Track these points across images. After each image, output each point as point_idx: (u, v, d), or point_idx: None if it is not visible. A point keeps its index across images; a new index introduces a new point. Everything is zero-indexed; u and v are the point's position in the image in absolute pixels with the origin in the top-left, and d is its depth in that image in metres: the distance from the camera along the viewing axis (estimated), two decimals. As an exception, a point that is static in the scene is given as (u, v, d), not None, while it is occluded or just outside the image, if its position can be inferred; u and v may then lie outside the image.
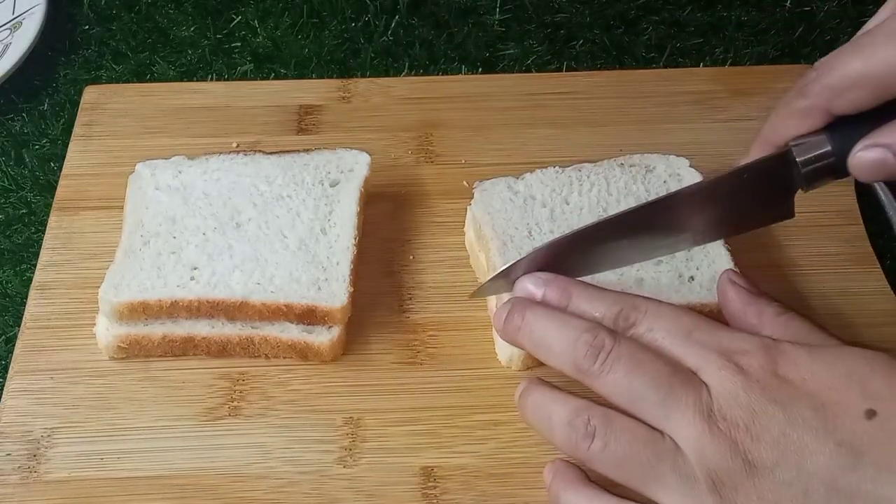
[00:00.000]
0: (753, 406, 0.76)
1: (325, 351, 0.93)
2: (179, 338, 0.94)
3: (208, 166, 1.02)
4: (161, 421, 0.91)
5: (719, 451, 0.76)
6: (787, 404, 0.76)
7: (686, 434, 0.77)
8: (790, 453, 0.75)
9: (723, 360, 0.79)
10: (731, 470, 0.75)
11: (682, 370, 0.79)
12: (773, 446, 0.75)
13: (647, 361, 0.80)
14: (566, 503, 0.82)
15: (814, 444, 0.75)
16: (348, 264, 0.95)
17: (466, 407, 0.92)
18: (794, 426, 0.75)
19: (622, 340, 0.81)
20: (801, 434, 0.75)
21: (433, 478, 0.88)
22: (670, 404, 0.78)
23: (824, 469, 0.74)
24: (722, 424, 0.76)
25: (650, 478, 0.78)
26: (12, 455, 0.89)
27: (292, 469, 0.88)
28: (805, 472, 0.74)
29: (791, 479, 0.74)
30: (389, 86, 1.16)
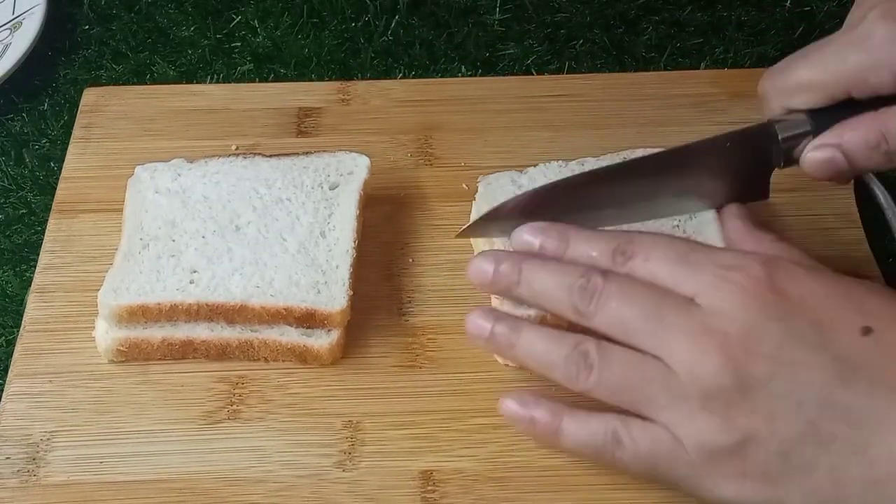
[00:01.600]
0: (749, 321, 0.77)
1: (324, 354, 0.93)
2: (178, 341, 0.94)
3: (207, 169, 1.02)
4: (160, 424, 0.91)
5: (710, 367, 0.76)
6: (784, 319, 0.77)
7: (678, 355, 0.78)
8: (785, 367, 0.76)
9: (719, 279, 0.80)
10: (722, 386, 0.76)
11: (674, 296, 0.80)
12: (767, 360, 0.76)
13: (638, 293, 0.81)
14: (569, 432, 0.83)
15: (809, 358, 0.76)
16: (348, 267, 0.95)
17: (466, 410, 0.92)
18: (791, 340, 0.76)
19: (612, 277, 0.82)
20: (797, 348, 0.76)
21: (432, 481, 0.88)
22: (662, 329, 0.79)
23: (819, 382, 0.75)
24: (714, 341, 0.77)
25: (644, 400, 0.79)
26: (11, 458, 0.89)
27: (291, 473, 0.88)
28: (799, 385, 0.75)
29: (785, 392, 0.75)
30: (388, 88, 1.16)
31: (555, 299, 0.84)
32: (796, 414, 0.75)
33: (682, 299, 0.80)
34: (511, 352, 0.85)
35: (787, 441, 0.75)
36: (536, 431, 0.84)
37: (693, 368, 0.77)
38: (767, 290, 0.79)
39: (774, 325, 0.77)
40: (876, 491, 0.74)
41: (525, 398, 0.85)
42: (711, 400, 0.76)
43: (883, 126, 0.85)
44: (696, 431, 0.77)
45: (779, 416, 0.75)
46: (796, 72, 0.88)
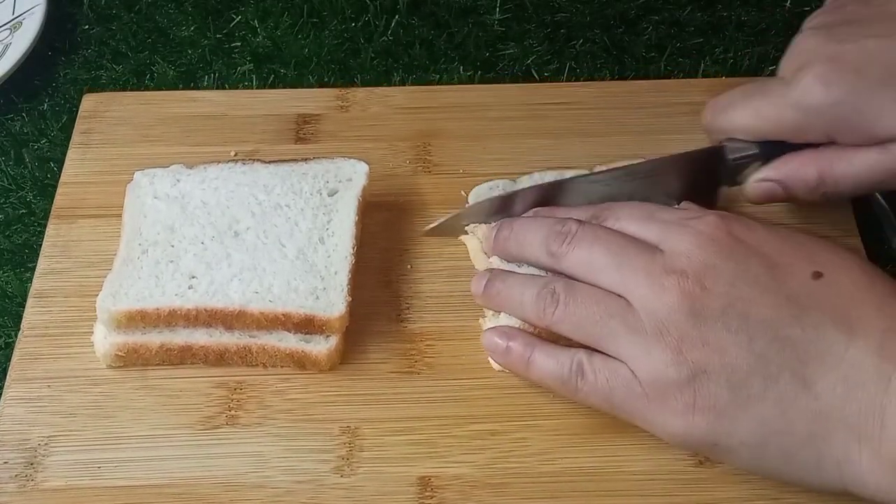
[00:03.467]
0: (705, 260, 0.82)
1: (322, 360, 0.94)
2: (177, 346, 0.94)
3: (206, 175, 1.02)
4: (158, 430, 0.91)
5: (666, 302, 0.81)
6: (740, 260, 0.82)
7: (637, 292, 0.82)
8: (738, 302, 0.80)
9: (681, 227, 0.85)
10: (677, 320, 0.80)
11: (639, 242, 0.86)
12: (721, 296, 0.80)
13: (606, 237, 0.87)
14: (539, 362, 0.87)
15: (762, 296, 0.80)
16: (346, 274, 0.95)
17: (464, 416, 0.92)
18: (745, 279, 0.81)
19: (587, 225, 0.88)
20: (751, 287, 0.81)
21: (430, 487, 0.88)
22: (624, 268, 0.84)
23: (770, 318, 0.79)
24: (671, 279, 0.81)
25: (604, 333, 0.83)
26: (9, 463, 0.89)
27: (289, 478, 0.89)
28: (751, 320, 0.80)
29: (736, 327, 0.79)
30: (388, 95, 1.16)
31: (534, 244, 0.90)
32: (747, 348, 0.79)
33: (646, 245, 0.85)
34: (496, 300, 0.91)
35: (737, 374, 0.79)
36: (510, 360, 0.89)
37: (650, 303, 0.81)
38: (724, 235, 0.84)
39: (729, 264, 0.82)
40: (820, 421, 0.77)
41: (502, 330, 0.89)
42: (665, 334, 0.80)
43: (823, 169, 0.92)
44: (650, 365, 0.81)
45: (730, 349, 0.79)
46: (735, 117, 0.95)
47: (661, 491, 0.88)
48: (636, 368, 0.82)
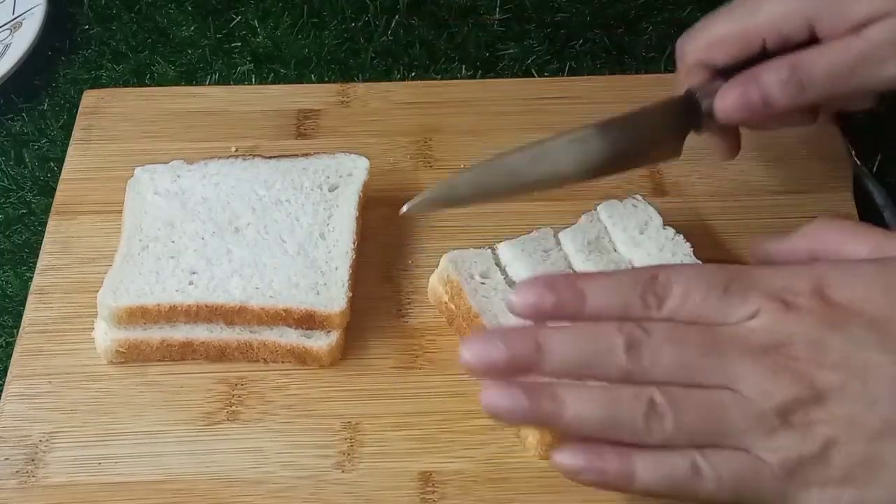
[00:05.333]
0: (809, 336, 0.76)
1: (323, 355, 0.93)
2: (178, 342, 0.94)
3: (207, 171, 1.02)
4: (159, 426, 0.91)
5: (782, 384, 0.75)
6: (843, 327, 0.77)
7: (747, 380, 0.76)
8: (854, 370, 0.75)
9: (770, 302, 0.78)
10: (797, 398, 0.75)
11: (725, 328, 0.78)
12: (836, 368, 0.75)
13: (688, 335, 0.78)
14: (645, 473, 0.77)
15: (876, 357, 0.76)
16: (347, 269, 0.95)
17: (465, 412, 0.92)
18: (854, 345, 0.76)
19: (655, 328, 0.78)
20: (862, 351, 0.76)
21: (431, 483, 0.88)
22: (724, 361, 0.76)
23: (889, 379, 0.75)
24: (780, 360, 0.76)
25: (722, 431, 0.76)
26: (10, 459, 0.89)
27: (290, 474, 0.88)
28: (871, 385, 0.75)
29: (859, 395, 0.75)
30: (388, 90, 1.16)
31: (594, 367, 0.77)
32: (871, 413, 0.75)
33: (735, 327, 0.78)
34: (555, 423, 0.77)
35: (866, 440, 0.75)
36: (608, 480, 0.78)
37: (765, 388, 0.76)
38: (818, 303, 0.78)
39: (834, 335, 0.77)
40: None
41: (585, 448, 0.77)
42: (789, 414, 0.75)
43: (794, 60, 0.89)
44: (778, 447, 0.76)
45: (855, 418, 0.75)
46: (713, 27, 0.93)
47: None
48: (763, 454, 0.76)
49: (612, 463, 0.76)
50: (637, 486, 0.77)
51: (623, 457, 0.76)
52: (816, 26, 0.89)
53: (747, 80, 0.91)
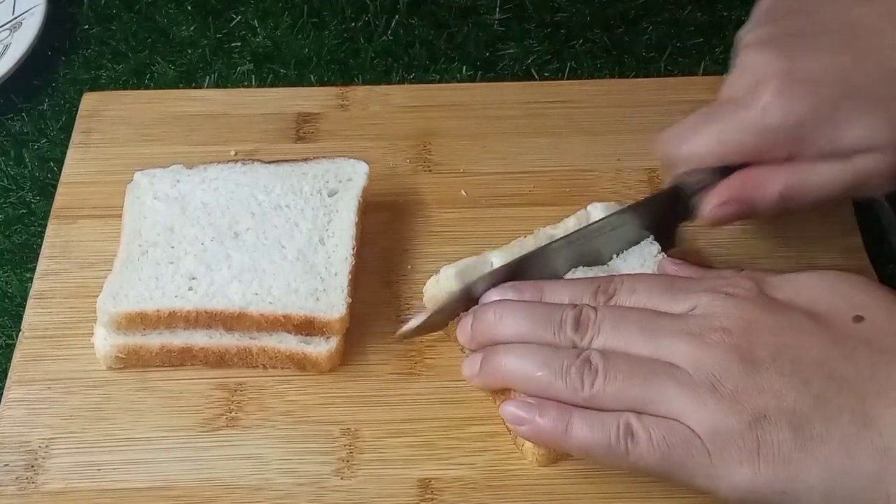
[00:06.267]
0: (745, 316, 0.80)
1: (322, 361, 0.93)
2: (177, 348, 0.94)
3: (206, 175, 1.02)
4: (158, 431, 0.91)
5: (714, 356, 0.79)
6: (779, 313, 0.81)
7: (681, 352, 0.80)
8: (786, 349, 0.78)
9: (710, 293, 0.83)
10: (728, 370, 0.78)
11: (668, 314, 0.83)
12: (768, 345, 0.79)
13: (631, 314, 0.84)
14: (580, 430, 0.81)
15: (809, 341, 0.79)
16: (346, 275, 0.95)
17: (463, 418, 0.92)
18: (789, 329, 0.79)
19: (603, 307, 0.85)
20: (796, 335, 0.79)
21: (430, 490, 0.88)
22: (662, 335, 0.81)
23: (821, 359, 0.78)
24: (715, 335, 0.80)
25: (652, 396, 0.79)
26: (10, 465, 0.89)
27: (290, 481, 0.88)
28: (803, 363, 0.78)
29: (790, 371, 0.77)
30: (387, 94, 1.16)
31: (544, 336, 0.85)
32: (804, 390, 0.77)
33: (674, 315, 0.83)
34: (499, 375, 0.86)
35: (798, 416, 0.76)
36: (542, 434, 0.83)
37: (697, 358, 0.79)
38: (757, 295, 0.82)
39: (770, 317, 0.80)
40: (887, 457, 0.75)
41: (529, 402, 0.84)
42: (719, 385, 0.78)
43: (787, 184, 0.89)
44: (707, 417, 0.77)
45: (786, 393, 0.77)
46: (692, 146, 0.91)
47: (661, 493, 0.87)
48: (693, 423, 0.78)
49: (549, 416, 0.82)
50: (573, 443, 0.81)
51: (561, 412, 0.81)
52: (801, 154, 0.88)
53: (736, 198, 0.91)
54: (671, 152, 0.93)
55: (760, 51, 0.90)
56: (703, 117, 0.92)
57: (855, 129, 0.86)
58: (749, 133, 0.88)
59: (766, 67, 0.88)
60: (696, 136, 0.91)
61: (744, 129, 0.88)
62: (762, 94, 0.87)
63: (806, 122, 0.86)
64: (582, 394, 0.81)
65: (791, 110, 0.86)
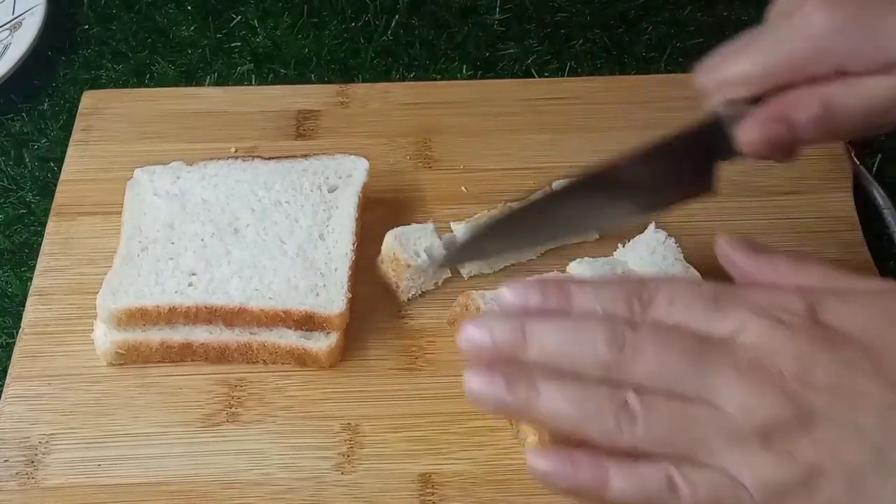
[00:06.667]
0: (800, 354, 0.74)
1: (322, 357, 0.93)
2: (177, 344, 0.94)
3: (206, 172, 1.02)
4: (158, 427, 0.91)
5: (767, 402, 0.73)
6: (835, 349, 0.74)
7: (729, 394, 0.73)
8: (843, 396, 0.73)
9: (760, 317, 0.76)
10: (781, 420, 0.72)
11: (712, 338, 0.76)
12: (824, 390, 0.73)
13: (673, 339, 0.76)
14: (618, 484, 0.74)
15: (866, 384, 0.73)
16: (346, 270, 0.95)
17: (464, 413, 0.92)
18: (845, 369, 0.73)
19: (641, 327, 0.76)
20: (853, 376, 0.73)
21: (431, 484, 0.88)
22: (708, 371, 0.74)
23: (880, 408, 0.73)
24: (766, 375, 0.73)
25: (697, 445, 0.74)
26: (10, 461, 0.89)
27: (290, 476, 0.88)
28: (860, 412, 0.72)
29: (846, 421, 0.72)
30: (388, 91, 1.16)
31: (575, 357, 0.76)
32: (860, 442, 0.72)
33: (722, 340, 0.76)
34: (530, 412, 0.77)
35: (854, 471, 0.72)
36: (578, 486, 0.76)
37: (748, 405, 0.73)
38: (811, 324, 0.76)
39: (826, 355, 0.74)
40: None
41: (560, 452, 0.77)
42: (771, 436, 0.72)
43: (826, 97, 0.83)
44: (758, 470, 0.73)
45: (842, 446, 0.72)
46: (735, 64, 0.86)
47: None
48: (742, 476, 0.73)
49: (584, 470, 0.75)
50: (610, 496, 0.75)
51: (597, 465, 0.75)
52: (847, 65, 0.83)
53: (775, 117, 0.85)
54: (714, 76, 0.88)
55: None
56: (746, 39, 0.86)
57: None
58: (793, 42, 0.83)
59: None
60: (740, 55, 0.86)
61: (787, 40, 0.84)
62: (807, 4, 0.82)
63: (852, 29, 0.82)
64: (620, 440, 0.74)
65: (836, 16, 0.82)
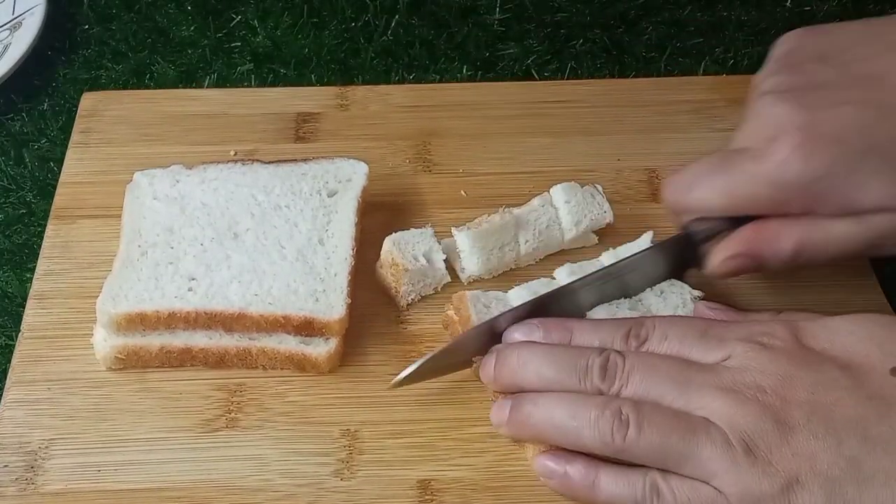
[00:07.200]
0: (780, 372, 0.78)
1: (322, 362, 0.93)
2: (177, 349, 0.94)
3: (206, 176, 1.02)
4: (158, 432, 0.91)
5: (749, 415, 0.77)
6: (814, 367, 0.79)
7: (713, 407, 0.78)
8: (821, 408, 0.76)
9: (746, 344, 0.81)
10: (763, 431, 0.76)
11: (698, 363, 0.81)
12: (803, 405, 0.77)
13: (662, 363, 0.82)
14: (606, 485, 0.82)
15: (844, 398, 0.77)
16: (346, 275, 0.95)
17: (464, 419, 0.92)
18: (824, 386, 0.77)
19: (631, 354, 0.83)
20: (831, 391, 0.77)
21: (430, 491, 0.88)
22: (693, 389, 0.79)
23: (855, 420, 0.76)
24: (749, 392, 0.78)
25: (687, 454, 0.78)
26: (10, 466, 0.89)
27: (289, 481, 0.88)
28: (837, 424, 0.76)
29: (824, 433, 0.76)
30: (387, 93, 1.16)
31: (569, 383, 0.83)
32: (837, 452, 0.75)
33: (708, 364, 0.81)
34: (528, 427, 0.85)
35: (832, 480, 0.75)
36: (570, 486, 0.84)
37: (731, 418, 0.77)
38: (793, 346, 0.80)
39: (805, 373, 0.78)
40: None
41: (558, 454, 0.84)
42: (753, 447, 0.76)
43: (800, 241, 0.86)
44: (738, 480, 0.76)
45: (820, 456, 0.75)
46: (703, 196, 0.89)
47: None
48: (723, 485, 0.77)
49: (577, 470, 0.82)
50: (598, 497, 0.81)
51: (588, 467, 0.81)
52: (816, 210, 0.85)
53: (744, 252, 0.89)
54: (679, 199, 0.91)
55: (779, 101, 0.86)
56: (714, 165, 0.89)
57: (873, 189, 0.83)
58: (764, 186, 0.85)
59: (785, 119, 0.85)
60: (705, 185, 0.89)
61: (758, 181, 0.85)
62: (780, 148, 0.84)
63: (823, 179, 0.83)
64: (612, 446, 0.80)
65: (809, 166, 0.83)
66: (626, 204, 1.04)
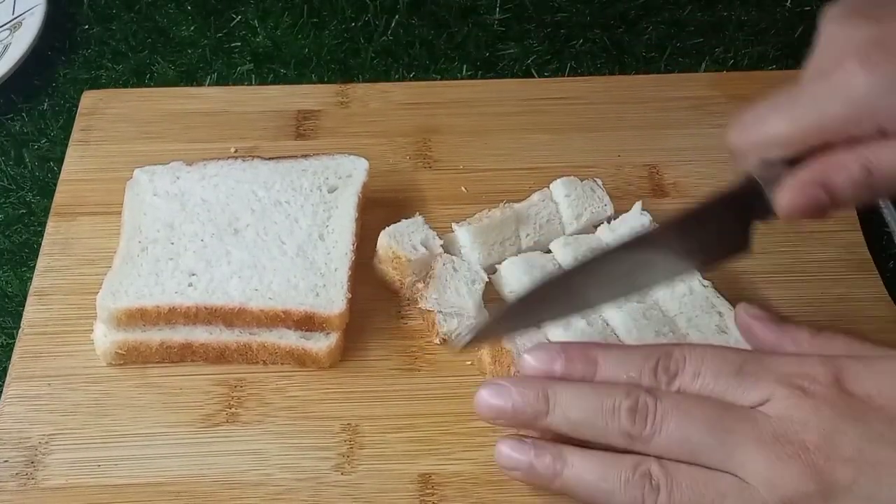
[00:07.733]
0: (824, 426, 0.74)
1: (322, 357, 0.93)
2: (177, 344, 0.94)
3: (206, 172, 1.02)
4: (158, 427, 0.91)
5: (791, 476, 0.73)
6: (860, 420, 0.74)
7: (753, 467, 0.74)
8: (868, 468, 0.73)
9: (785, 388, 0.76)
10: (806, 494, 0.73)
11: (736, 408, 0.76)
12: (848, 463, 0.73)
13: (697, 408, 0.77)
14: None
15: (890, 456, 0.73)
16: (346, 270, 0.95)
17: (464, 414, 0.91)
18: (869, 441, 0.73)
19: (664, 396, 0.78)
20: (878, 448, 0.73)
21: (431, 485, 0.88)
22: (731, 443, 0.75)
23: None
24: (790, 449, 0.74)
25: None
26: (10, 462, 0.89)
27: (290, 476, 0.88)
28: (884, 485, 0.72)
29: (870, 494, 0.72)
30: (388, 91, 1.16)
31: (598, 426, 0.78)
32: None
33: (746, 410, 0.77)
34: (557, 482, 0.80)
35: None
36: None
37: (772, 479, 0.73)
38: (836, 393, 0.76)
39: (850, 427, 0.74)
40: None
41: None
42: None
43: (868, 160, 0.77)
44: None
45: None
46: (770, 125, 0.80)
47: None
48: None
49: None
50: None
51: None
52: (888, 126, 0.77)
53: (814, 181, 0.79)
54: (748, 136, 0.82)
55: (842, 23, 0.79)
56: (776, 99, 0.80)
57: None
58: (831, 104, 0.77)
59: (849, 37, 0.78)
60: (773, 116, 0.80)
61: (825, 101, 0.77)
62: (847, 63, 0.76)
63: (892, 91, 0.76)
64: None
65: (877, 77, 0.75)
66: (627, 200, 1.04)
